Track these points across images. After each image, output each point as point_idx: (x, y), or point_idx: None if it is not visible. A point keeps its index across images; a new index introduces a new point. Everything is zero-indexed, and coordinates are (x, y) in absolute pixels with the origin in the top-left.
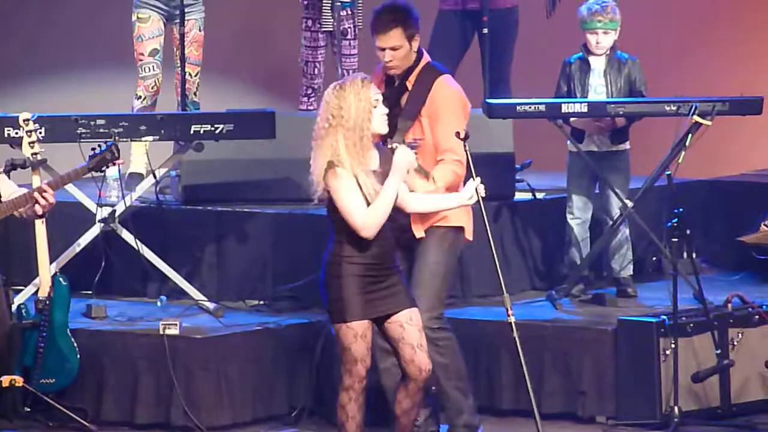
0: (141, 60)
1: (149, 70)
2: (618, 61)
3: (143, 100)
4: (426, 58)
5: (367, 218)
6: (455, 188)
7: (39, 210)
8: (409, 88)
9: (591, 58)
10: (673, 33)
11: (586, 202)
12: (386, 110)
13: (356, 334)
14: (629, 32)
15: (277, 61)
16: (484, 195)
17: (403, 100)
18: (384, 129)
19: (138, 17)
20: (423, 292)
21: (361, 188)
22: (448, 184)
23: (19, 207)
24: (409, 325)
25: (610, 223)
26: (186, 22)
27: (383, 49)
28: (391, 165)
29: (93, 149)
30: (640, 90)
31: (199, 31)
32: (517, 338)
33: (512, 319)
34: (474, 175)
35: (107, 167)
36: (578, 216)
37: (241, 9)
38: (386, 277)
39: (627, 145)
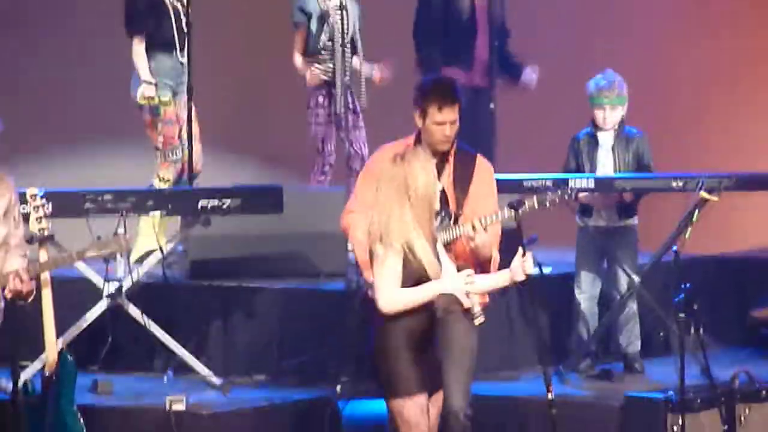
0: (172, 143)
1: (179, 153)
2: (626, 136)
3: (171, 182)
4: None
5: (392, 299)
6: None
7: (8, 294)
8: (451, 163)
9: (599, 133)
10: (681, 107)
11: (594, 278)
12: (441, 186)
13: (422, 408)
14: (638, 106)
15: (275, 136)
16: (531, 273)
17: (444, 175)
18: (437, 205)
19: (161, 101)
20: (463, 376)
21: (413, 256)
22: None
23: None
24: (434, 410)
25: (618, 298)
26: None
27: (443, 123)
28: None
29: (98, 237)
30: (647, 164)
31: (195, 106)
32: (553, 415)
33: (551, 396)
34: (524, 251)
35: (113, 259)
36: (586, 291)
37: (238, 81)
38: (428, 349)
39: (635, 220)
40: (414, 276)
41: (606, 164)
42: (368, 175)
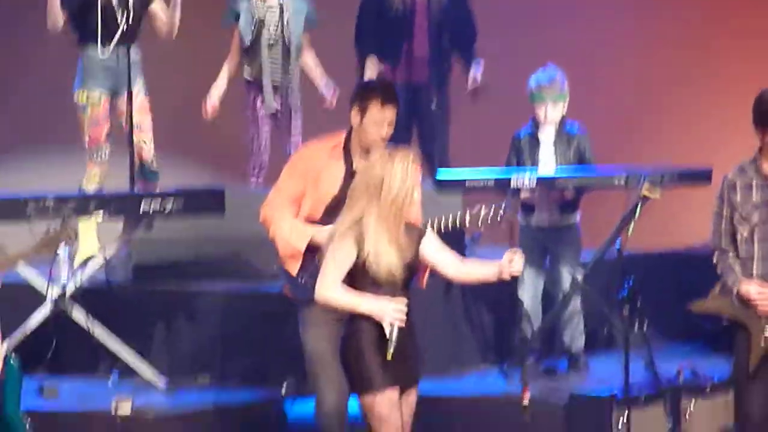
0: (97, 144)
1: (105, 155)
2: (567, 133)
3: (98, 183)
4: None
5: (325, 291)
6: None
7: None
8: None
9: (540, 131)
10: (624, 101)
11: (536, 276)
12: (419, 196)
13: (391, 402)
14: (579, 102)
15: (220, 137)
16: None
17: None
18: (417, 216)
19: (90, 102)
20: None
21: (364, 259)
22: None
23: None
24: (407, 407)
25: (562, 296)
26: (130, 94)
27: (382, 123)
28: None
29: (47, 230)
30: (589, 160)
31: (145, 95)
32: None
33: (526, 402)
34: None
35: (63, 246)
36: (529, 289)
37: (182, 85)
38: (406, 348)
39: (577, 218)
40: (365, 276)
41: (547, 162)
42: (293, 169)
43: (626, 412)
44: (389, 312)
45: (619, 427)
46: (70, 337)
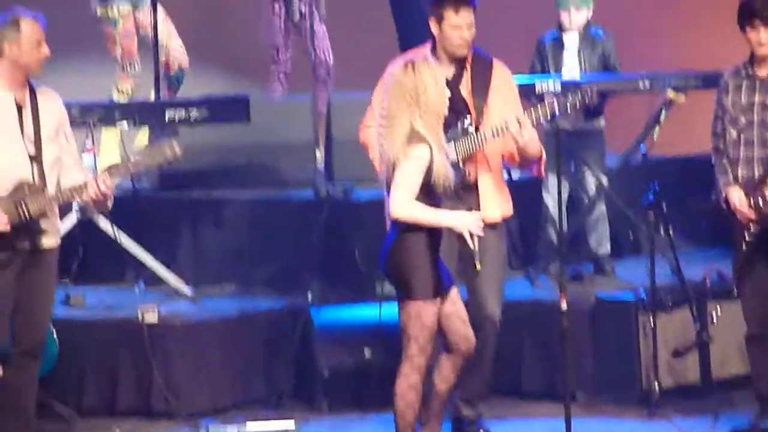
0: (131, 57)
1: (137, 67)
2: (592, 37)
3: (128, 95)
4: None
5: (405, 208)
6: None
7: (90, 202)
8: (469, 70)
9: (565, 36)
10: (648, 5)
11: (562, 180)
12: (449, 94)
13: (435, 311)
14: (606, 5)
15: (239, 45)
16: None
17: (462, 83)
18: (446, 112)
19: (120, 13)
20: (498, 284)
21: (431, 169)
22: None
23: (77, 195)
24: (459, 301)
25: (587, 200)
26: (148, 6)
27: (460, 26)
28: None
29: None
30: (614, 65)
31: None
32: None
33: (564, 306)
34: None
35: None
36: (553, 194)
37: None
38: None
39: (602, 122)
40: (424, 187)
41: (572, 67)
42: (382, 88)
43: (652, 315)
44: (469, 223)
45: (646, 330)
46: (96, 246)
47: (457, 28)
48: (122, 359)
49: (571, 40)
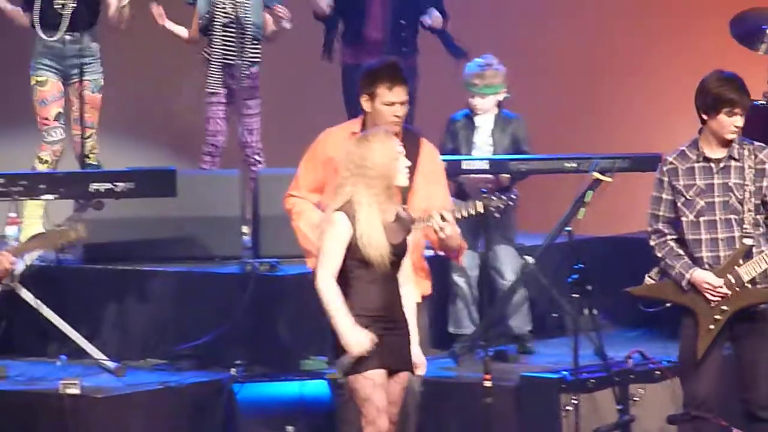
0: (46, 125)
1: (56, 135)
2: (504, 119)
3: (49, 165)
4: None
5: (322, 283)
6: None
7: None
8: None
9: (477, 116)
10: (568, 89)
11: (473, 258)
12: (408, 163)
13: (374, 383)
14: (521, 88)
15: (182, 121)
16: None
17: None
18: (405, 182)
19: (37, 81)
20: None
21: (356, 241)
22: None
23: None
24: (396, 383)
25: (501, 280)
26: (79, 83)
27: (394, 104)
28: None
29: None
30: (524, 149)
31: (92, 93)
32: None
33: (488, 384)
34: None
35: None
36: (466, 273)
37: (146, 68)
38: (394, 331)
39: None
40: (360, 260)
41: (483, 148)
42: (312, 157)
43: (575, 395)
44: (354, 346)
45: (568, 409)
46: (18, 317)
47: (391, 105)
48: None
49: (483, 120)
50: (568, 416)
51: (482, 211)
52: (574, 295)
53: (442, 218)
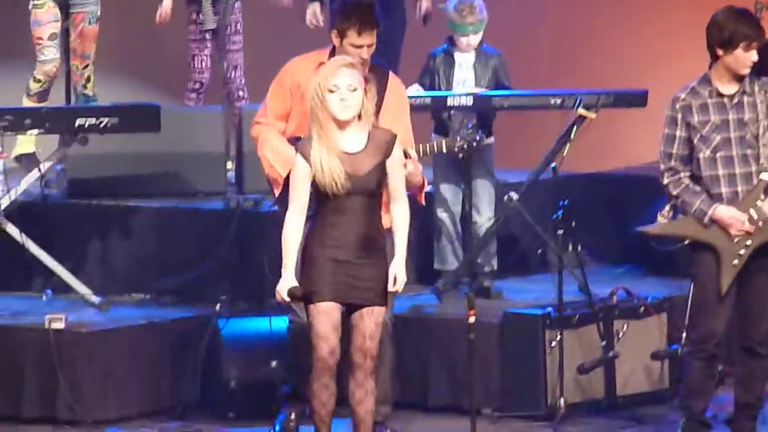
0: (39, 44)
1: (49, 54)
2: (485, 54)
3: (41, 84)
4: None
5: (286, 220)
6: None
7: None
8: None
9: (456, 53)
10: (552, 24)
11: (455, 194)
12: (347, 97)
13: (319, 311)
14: (503, 24)
15: (167, 57)
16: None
17: None
18: (341, 115)
19: (34, 4)
20: None
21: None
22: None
23: None
24: (368, 317)
25: (478, 216)
26: (77, 14)
27: (361, 47)
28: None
29: None
30: (504, 84)
31: (89, 24)
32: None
33: (472, 320)
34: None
35: None
36: (448, 209)
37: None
38: (359, 267)
39: (491, 140)
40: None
41: (466, 83)
42: (279, 85)
43: (559, 331)
44: (278, 290)
45: (552, 345)
46: (3, 253)
47: (357, 47)
48: (28, 367)
49: (465, 57)
50: (552, 352)
51: (444, 150)
52: (558, 232)
53: (406, 155)
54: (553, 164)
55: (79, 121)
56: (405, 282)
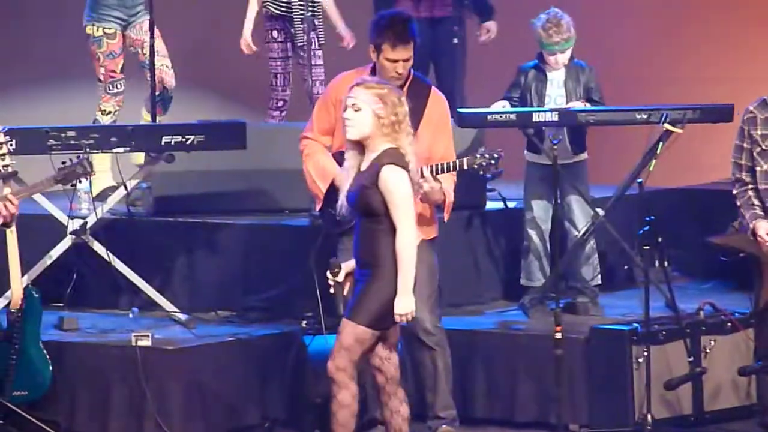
0: (113, 77)
1: (120, 87)
2: (576, 68)
3: (112, 116)
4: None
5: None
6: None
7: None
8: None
9: (547, 68)
10: (639, 38)
11: (546, 211)
12: (350, 116)
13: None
14: (592, 37)
15: (235, 72)
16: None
17: None
18: (347, 134)
19: (105, 33)
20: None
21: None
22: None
23: None
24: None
25: (575, 232)
26: (141, 23)
27: (396, 61)
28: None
29: (63, 162)
30: (596, 99)
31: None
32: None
33: (558, 336)
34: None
35: (78, 181)
36: (538, 226)
37: (197, 21)
38: (366, 278)
39: (585, 155)
40: None
41: (558, 100)
42: (324, 102)
43: (646, 347)
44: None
45: (639, 360)
46: (90, 270)
47: (393, 62)
48: (115, 384)
49: (555, 74)
50: (638, 368)
51: (466, 168)
52: (645, 247)
53: (422, 174)
54: (639, 179)
55: (165, 139)
56: (410, 312)
